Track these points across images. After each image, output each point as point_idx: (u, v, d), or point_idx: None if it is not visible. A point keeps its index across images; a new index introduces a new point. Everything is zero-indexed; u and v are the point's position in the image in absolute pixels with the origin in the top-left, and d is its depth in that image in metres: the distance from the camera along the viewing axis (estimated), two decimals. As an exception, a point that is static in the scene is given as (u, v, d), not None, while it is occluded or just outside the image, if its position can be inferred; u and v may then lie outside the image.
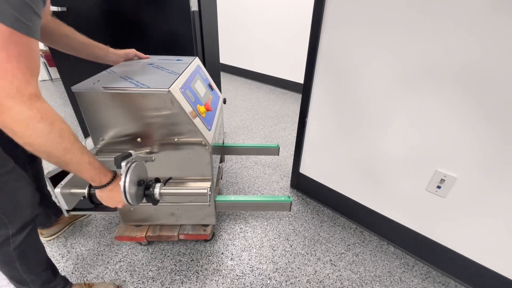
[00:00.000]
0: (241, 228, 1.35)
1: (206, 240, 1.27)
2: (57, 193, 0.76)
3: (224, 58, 3.96)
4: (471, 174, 0.94)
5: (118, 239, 1.14)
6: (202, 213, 1.12)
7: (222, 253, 1.22)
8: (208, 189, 0.93)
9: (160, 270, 1.14)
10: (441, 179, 1.00)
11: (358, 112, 1.15)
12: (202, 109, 0.97)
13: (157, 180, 0.82)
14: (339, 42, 1.09)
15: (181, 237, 1.16)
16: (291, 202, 1.14)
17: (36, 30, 0.53)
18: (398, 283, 1.12)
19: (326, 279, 1.13)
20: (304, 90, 1.30)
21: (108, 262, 1.17)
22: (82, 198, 0.85)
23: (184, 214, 1.12)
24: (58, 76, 1.66)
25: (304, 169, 1.53)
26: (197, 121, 0.91)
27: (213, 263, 1.17)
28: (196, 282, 1.10)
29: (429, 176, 1.04)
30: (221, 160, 1.58)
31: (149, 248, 1.23)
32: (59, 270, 1.00)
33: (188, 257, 1.20)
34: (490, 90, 0.82)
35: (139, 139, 0.91)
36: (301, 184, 1.59)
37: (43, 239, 1.24)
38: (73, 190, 0.79)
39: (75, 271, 1.13)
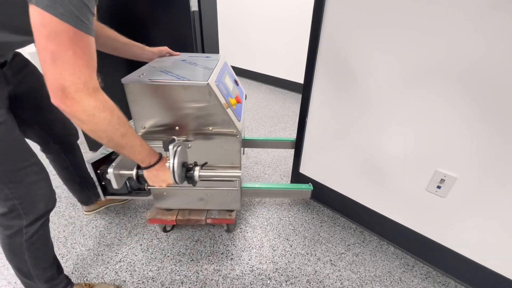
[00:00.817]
0: (241, 228, 1.35)
1: (227, 231, 1.33)
2: (110, 173, 0.84)
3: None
4: (471, 174, 0.94)
5: (151, 221, 1.22)
6: (229, 198, 1.19)
7: (222, 253, 1.22)
8: (240, 172, 1.01)
9: (160, 270, 1.14)
10: (441, 179, 1.00)
11: (358, 112, 1.15)
12: (233, 101, 1.03)
13: (196, 164, 0.89)
14: (339, 42, 1.09)
15: (208, 221, 1.23)
16: (311, 190, 1.23)
17: (92, 28, 0.57)
18: (398, 283, 1.12)
19: (326, 279, 1.13)
20: (304, 90, 1.30)
21: (108, 262, 1.17)
22: (133, 179, 0.92)
23: (212, 199, 1.20)
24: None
25: (304, 169, 1.52)
26: (229, 112, 0.98)
27: (213, 263, 1.17)
28: (196, 282, 1.10)
29: (429, 176, 1.04)
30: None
31: (149, 248, 1.23)
32: (59, 270, 1.00)
33: (188, 257, 1.20)
34: (490, 90, 0.82)
35: (177, 128, 0.99)
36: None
37: (83, 213, 1.42)
38: (121, 172, 0.87)
39: (75, 271, 1.13)
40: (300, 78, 2.22)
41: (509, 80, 0.78)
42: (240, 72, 3.90)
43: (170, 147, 0.78)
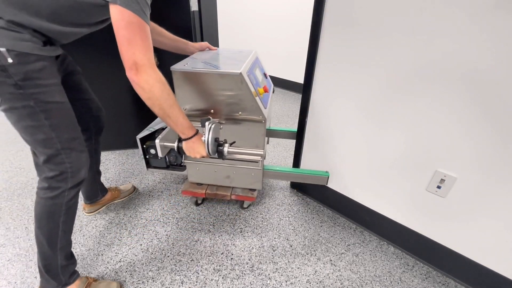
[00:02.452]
0: (241, 228, 1.35)
1: (241, 207, 1.48)
2: (156, 143, 1.03)
3: (224, 58, 3.96)
4: (471, 174, 0.94)
5: (184, 193, 1.40)
6: (252, 178, 1.32)
7: (222, 253, 1.22)
8: (264, 152, 1.13)
9: (160, 270, 1.14)
10: (441, 179, 1.00)
11: (358, 113, 1.15)
12: (261, 90, 1.16)
13: (225, 141, 1.03)
14: (339, 42, 1.09)
15: (233, 197, 1.38)
16: (328, 177, 1.35)
17: (149, 18, 0.76)
18: (398, 283, 1.12)
19: (326, 279, 1.13)
20: (304, 90, 1.30)
21: (108, 262, 1.17)
22: (173, 152, 1.12)
23: (237, 177, 1.33)
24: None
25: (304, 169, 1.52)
26: (257, 100, 1.10)
27: (213, 263, 1.17)
28: (196, 282, 1.10)
29: (429, 176, 1.04)
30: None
31: (149, 248, 1.23)
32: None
33: (188, 257, 1.20)
34: (490, 91, 0.82)
35: (212, 111, 1.14)
36: (301, 184, 1.59)
37: (85, 214, 1.42)
38: (166, 143, 1.06)
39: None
40: (300, 78, 2.22)
41: (508, 80, 0.78)
42: (240, 72, 3.90)
43: (206, 123, 0.93)
